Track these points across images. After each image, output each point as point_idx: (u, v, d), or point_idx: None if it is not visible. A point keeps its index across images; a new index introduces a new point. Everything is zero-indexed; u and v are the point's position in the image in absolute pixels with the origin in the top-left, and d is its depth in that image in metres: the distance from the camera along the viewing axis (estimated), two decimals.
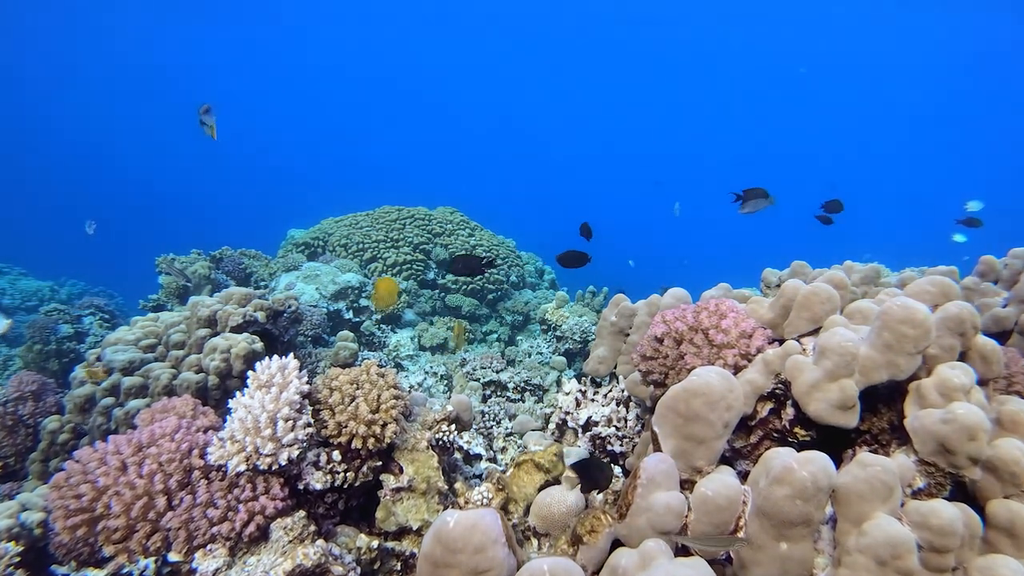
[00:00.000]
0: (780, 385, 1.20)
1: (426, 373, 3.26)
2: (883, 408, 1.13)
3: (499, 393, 3.00)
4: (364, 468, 1.45)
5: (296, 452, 1.31)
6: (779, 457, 0.95)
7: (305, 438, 1.34)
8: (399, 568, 1.41)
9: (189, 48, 23.83)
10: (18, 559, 1.40)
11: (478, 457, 2.08)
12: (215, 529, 1.23)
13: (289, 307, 2.77)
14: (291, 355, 1.46)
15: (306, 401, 1.42)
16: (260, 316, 2.53)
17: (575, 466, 1.41)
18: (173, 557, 1.26)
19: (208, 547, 1.25)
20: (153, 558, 1.30)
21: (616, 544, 1.03)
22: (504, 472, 1.68)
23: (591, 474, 1.36)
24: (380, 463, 1.49)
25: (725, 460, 1.23)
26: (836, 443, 1.17)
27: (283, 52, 25.00)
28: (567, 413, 1.96)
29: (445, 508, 1.49)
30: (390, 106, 32.54)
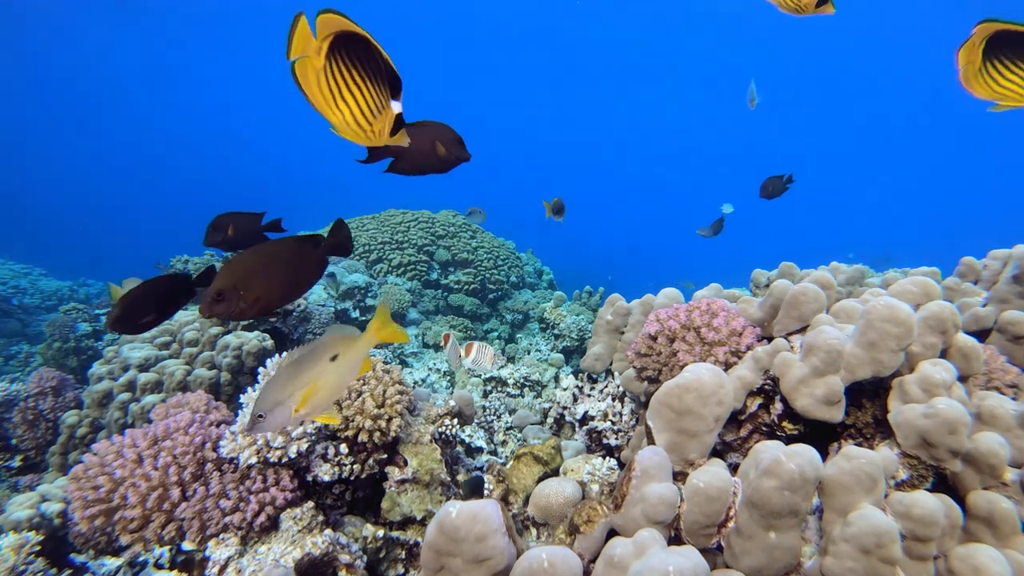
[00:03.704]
0: (769, 381, 1.20)
1: (429, 369, 3.26)
2: (868, 403, 1.13)
3: (499, 389, 3.00)
4: (370, 461, 1.45)
5: (305, 445, 1.31)
6: (768, 450, 0.95)
7: (313, 432, 1.34)
8: (403, 556, 1.41)
9: (199, 52, 23.78)
10: (39, 547, 1.40)
11: (479, 450, 2.08)
12: (227, 519, 1.23)
13: (298, 306, 2.77)
14: None
15: None
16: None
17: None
18: (187, 546, 1.26)
19: (221, 536, 1.25)
20: (168, 547, 1.30)
21: (612, 534, 1.03)
22: (504, 464, 1.68)
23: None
24: (385, 456, 1.49)
25: (716, 453, 1.23)
26: (822, 437, 1.17)
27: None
28: (565, 408, 1.96)
29: (448, 499, 1.49)
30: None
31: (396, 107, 0.89)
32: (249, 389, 1.37)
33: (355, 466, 1.43)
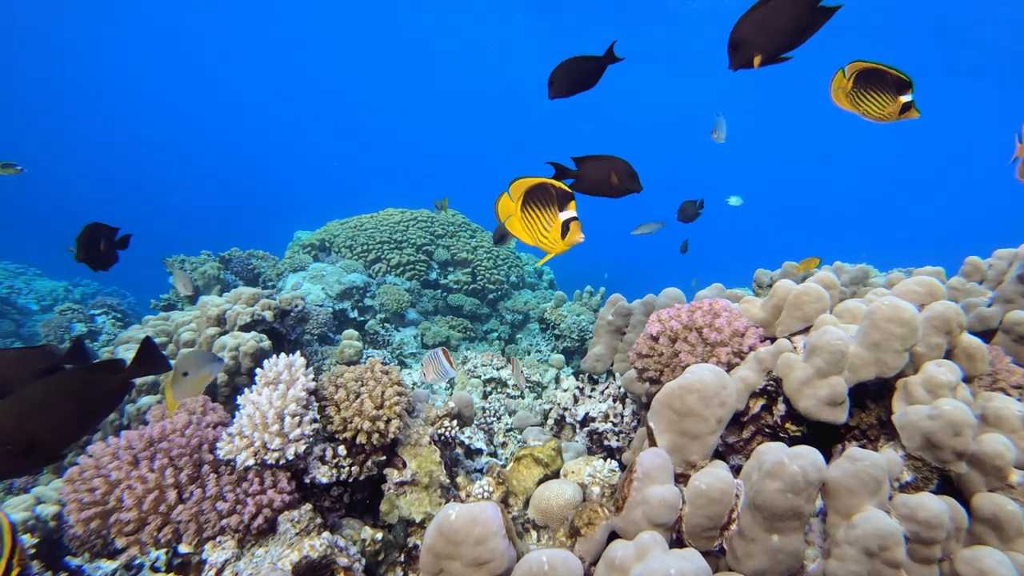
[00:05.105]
0: (772, 382, 1.20)
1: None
2: (872, 404, 1.13)
3: (499, 390, 3.00)
4: (368, 463, 1.45)
5: (303, 447, 1.31)
6: (771, 452, 0.95)
7: (311, 433, 1.34)
8: (402, 559, 1.41)
9: (197, 51, 23.86)
10: (33, 550, 1.40)
11: (479, 452, 2.08)
12: (224, 522, 1.23)
13: (296, 306, 2.77)
14: (298, 353, 1.46)
15: (312, 398, 1.42)
16: (268, 315, 2.53)
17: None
18: (183, 549, 1.26)
19: (217, 539, 1.25)
20: (164, 550, 1.30)
21: (613, 536, 1.03)
22: (504, 466, 1.68)
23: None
24: (384, 458, 1.49)
25: (718, 455, 1.22)
26: (826, 438, 1.17)
27: (290, 55, 25.02)
28: (565, 409, 1.96)
29: (447, 501, 1.49)
30: (396, 109, 32.55)
31: (563, 216, 1.11)
32: (246, 390, 1.37)
33: (353, 468, 1.43)
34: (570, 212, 1.11)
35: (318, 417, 1.41)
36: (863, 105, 1.35)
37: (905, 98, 1.30)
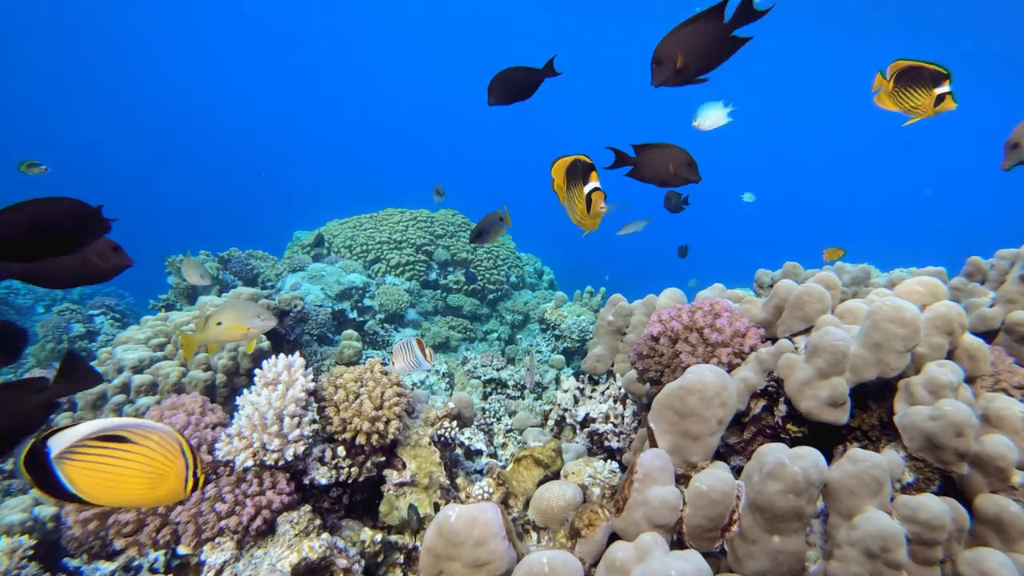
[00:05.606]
0: (773, 383, 1.20)
1: (428, 371, 3.26)
2: (873, 405, 1.13)
3: (499, 390, 3.00)
4: (368, 463, 1.45)
5: (302, 448, 1.31)
6: (772, 453, 0.95)
7: (311, 434, 1.34)
8: (402, 561, 1.41)
9: (195, 52, 23.97)
10: (31, 552, 1.40)
11: (479, 453, 2.08)
12: (223, 523, 1.23)
13: (295, 307, 2.77)
14: (297, 353, 1.46)
15: (312, 398, 1.42)
16: None
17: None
18: (182, 550, 1.26)
19: (216, 540, 1.25)
20: (163, 551, 1.30)
21: (613, 537, 1.03)
22: (504, 467, 1.68)
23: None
24: (383, 459, 1.49)
25: (719, 456, 1.22)
26: (827, 439, 1.17)
27: (289, 55, 25.08)
28: (565, 410, 1.96)
29: (447, 502, 1.49)
30: (396, 109, 32.55)
31: (586, 188, 1.14)
32: (245, 391, 1.37)
33: (353, 469, 1.43)
34: (593, 183, 1.13)
35: (317, 418, 1.41)
36: (905, 103, 1.36)
37: (940, 90, 1.30)
